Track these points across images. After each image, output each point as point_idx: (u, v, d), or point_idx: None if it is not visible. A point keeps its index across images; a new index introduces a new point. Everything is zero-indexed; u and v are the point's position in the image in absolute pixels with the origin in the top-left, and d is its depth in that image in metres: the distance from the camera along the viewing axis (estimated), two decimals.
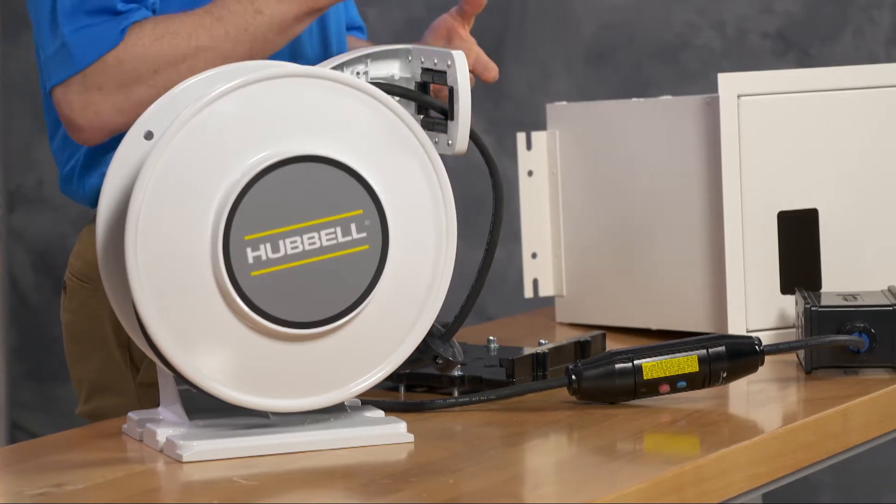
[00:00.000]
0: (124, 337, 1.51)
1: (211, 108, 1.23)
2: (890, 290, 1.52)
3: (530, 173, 1.72)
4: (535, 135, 1.72)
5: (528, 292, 1.72)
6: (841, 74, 1.59)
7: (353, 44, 1.71)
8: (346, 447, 1.26)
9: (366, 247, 1.25)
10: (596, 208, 1.69)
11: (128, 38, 1.42)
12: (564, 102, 1.73)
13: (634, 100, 1.68)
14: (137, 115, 1.28)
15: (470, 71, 1.49)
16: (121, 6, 1.43)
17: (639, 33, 2.85)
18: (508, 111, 2.86)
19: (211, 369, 1.23)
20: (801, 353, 1.48)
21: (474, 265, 1.35)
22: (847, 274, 1.58)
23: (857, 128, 1.59)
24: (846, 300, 1.48)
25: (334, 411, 1.29)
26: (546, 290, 1.73)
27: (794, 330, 1.55)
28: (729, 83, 1.56)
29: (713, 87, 1.57)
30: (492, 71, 1.53)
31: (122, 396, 1.54)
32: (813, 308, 1.46)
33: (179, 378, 1.26)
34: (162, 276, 1.22)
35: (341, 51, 1.64)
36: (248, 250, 1.23)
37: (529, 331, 1.69)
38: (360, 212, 1.25)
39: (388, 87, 1.32)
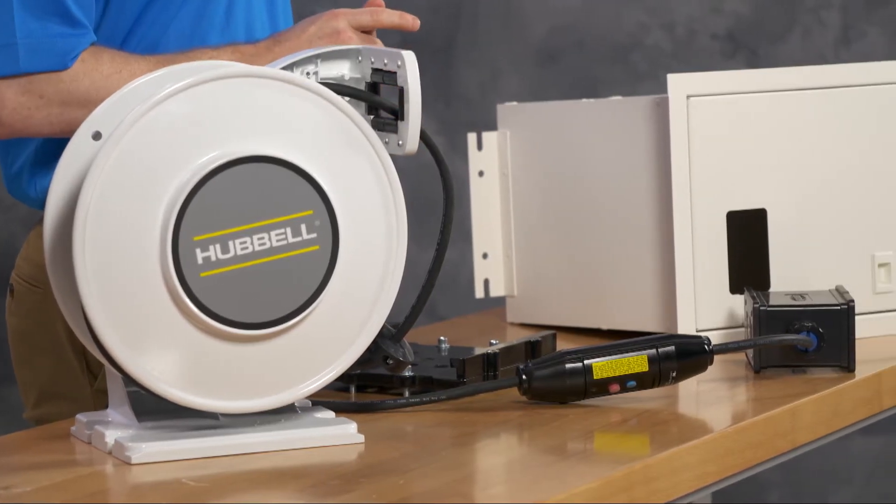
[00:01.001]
0: (80, 343, 1.50)
1: (160, 108, 1.22)
2: (837, 289, 1.53)
3: (481, 174, 1.72)
4: (486, 135, 1.72)
5: (479, 292, 1.72)
6: (789, 75, 1.60)
7: None
8: (297, 448, 1.26)
9: (316, 247, 1.25)
10: (546, 208, 1.69)
11: (87, 60, 1.43)
12: (515, 103, 1.73)
13: (584, 100, 1.68)
14: (63, 132, 1.29)
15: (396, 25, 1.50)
16: (77, 14, 1.44)
17: (589, 34, 2.86)
18: (460, 112, 2.86)
19: (160, 371, 1.23)
20: (750, 352, 1.49)
21: (426, 266, 1.35)
22: (795, 273, 1.58)
23: (806, 128, 1.60)
24: (794, 300, 1.49)
25: (284, 412, 1.29)
26: (497, 291, 1.73)
27: (743, 329, 1.56)
28: (678, 84, 1.57)
29: (663, 88, 1.57)
30: (408, 18, 1.53)
31: (77, 403, 1.53)
32: (761, 308, 1.47)
33: (128, 380, 1.25)
34: (110, 278, 1.21)
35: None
36: (198, 251, 1.22)
37: (480, 331, 1.69)
38: (311, 212, 1.24)
39: (338, 88, 1.32)
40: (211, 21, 1.55)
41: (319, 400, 1.34)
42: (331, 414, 1.30)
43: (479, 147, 1.72)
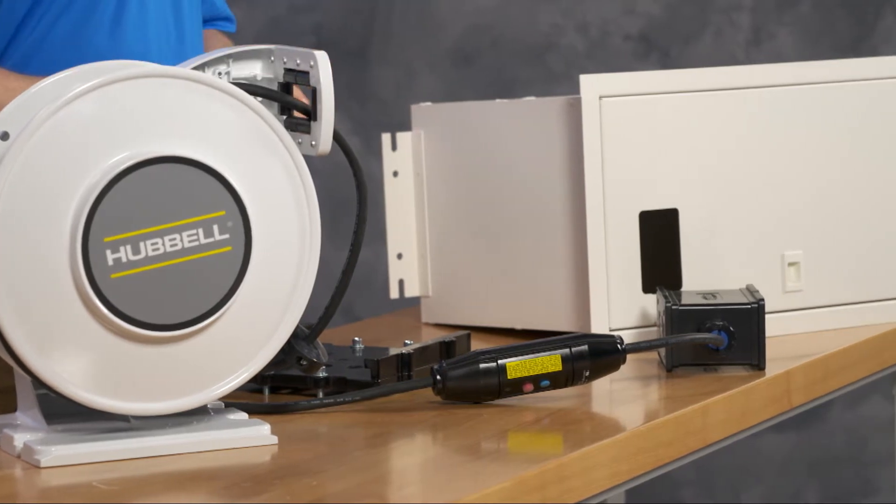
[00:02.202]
0: None
1: (69, 108, 1.21)
2: (748, 288, 1.55)
3: (395, 174, 1.72)
4: (400, 135, 1.72)
5: (394, 293, 1.72)
6: (701, 76, 1.61)
7: (215, 38, 1.70)
8: (209, 450, 1.25)
9: (228, 248, 1.24)
10: (461, 209, 1.69)
11: None
12: (429, 103, 1.73)
13: (498, 101, 1.69)
14: None
15: None
16: None
17: (504, 35, 2.87)
18: (375, 112, 2.86)
19: (70, 373, 1.22)
20: (662, 351, 1.50)
21: (341, 266, 1.35)
22: (707, 273, 1.60)
23: (717, 128, 1.61)
24: (706, 299, 1.50)
25: (197, 414, 1.28)
26: (412, 291, 1.73)
27: (655, 328, 1.57)
28: (590, 84, 1.57)
29: (577, 89, 1.58)
30: None
31: None
32: (673, 307, 1.48)
33: (37, 382, 1.24)
34: (19, 279, 1.20)
35: (194, 33, 1.63)
36: (108, 252, 1.21)
37: (395, 331, 1.69)
38: (223, 213, 1.24)
39: (251, 88, 1.32)
40: (99, 23, 1.54)
41: (232, 401, 1.33)
42: (244, 415, 1.30)
43: (394, 147, 1.72)
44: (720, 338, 1.47)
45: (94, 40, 1.53)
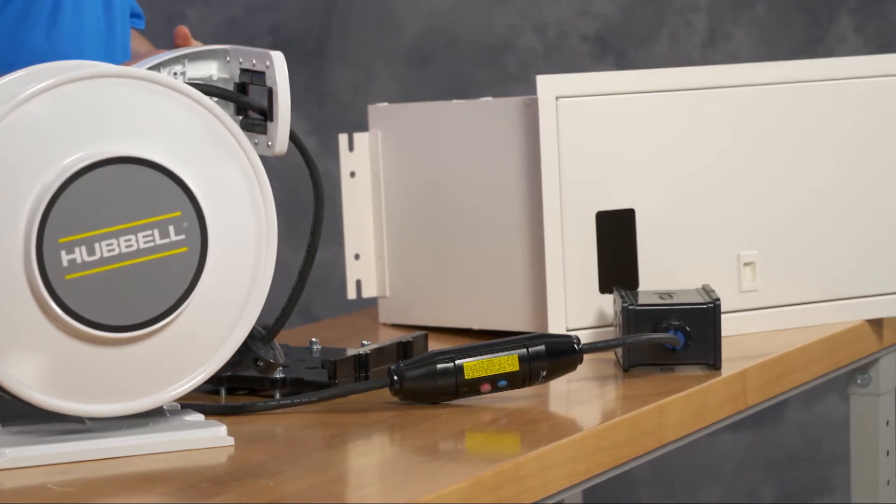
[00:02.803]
0: None
1: (23, 109, 1.21)
2: (704, 288, 1.56)
3: (353, 174, 1.72)
4: (357, 136, 1.72)
5: (351, 293, 1.72)
6: (657, 77, 1.61)
7: (132, 36, 1.70)
8: (165, 451, 1.25)
9: (184, 249, 1.24)
10: (418, 209, 1.69)
11: None
12: (386, 104, 1.73)
13: (455, 101, 1.69)
14: None
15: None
16: None
17: (461, 35, 2.87)
18: (332, 112, 2.86)
19: (24, 374, 1.21)
20: (619, 351, 1.50)
21: (299, 266, 1.34)
22: (663, 273, 1.60)
23: (673, 129, 1.62)
24: (662, 298, 1.50)
25: (153, 415, 1.27)
26: (369, 291, 1.73)
27: (612, 328, 1.58)
28: (547, 85, 1.58)
29: (534, 89, 1.58)
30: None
31: None
32: (630, 307, 1.48)
33: None
34: None
35: (124, 32, 1.62)
36: (63, 253, 1.21)
37: (352, 332, 1.69)
38: (179, 213, 1.23)
39: (206, 88, 1.31)
40: (35, 21, 1.53)
41: (189, 403, 1.33)
42: (200, 417, 1.29)
43: (351, 148, 1.72)
44: (676, 338, 1.47)
45: (31, 39, 1.52)
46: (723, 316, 1.51)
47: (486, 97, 1.74)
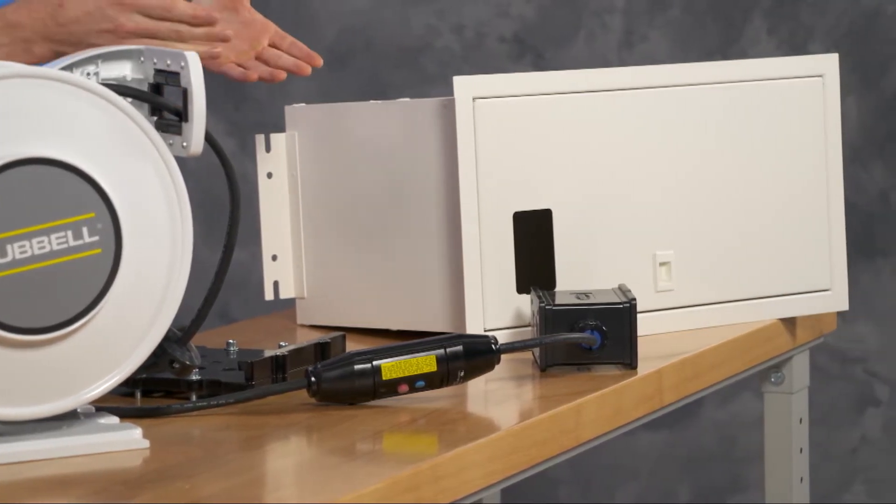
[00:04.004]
0: None
1: None
2: (620, 288, 1.57)
3: (270, 175, 1.71)
4: (274, 137, 1.72)
5: (269, 294, 1.72)
6: (574, 78, 1.62)
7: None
8: (79, 455, 1.24)
9: (98, 250, 1.23)
10: (336, 210, 1.69)
11: None
12: (303, 104, 1.73)
13: (372, 102, 1.69)
14: None
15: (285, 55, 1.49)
16: None
17: (379, 36, 2.87)
18: (250, 113, 2.85)
19: None
20: (537, 351, 1.51)
21: (215, 267, 1.33)
22: (580, 273, 1.61)
23: (589, 130, 1.63)
24: (579, 298, 1.51)
25: (67, 418, 1.26)
26: (287, 292, 1.72)
27: (530, 328, 1.58)
28: (464, 86, 1.58)
29: (452, 90, 1.58)
30: (316, 59, 1.53)
31: None
32: (547, 307, 1.49)
33: None
34: None
35: None
36: None
37: (270, 333, 1.69)
38: (92, 215, 1.22)
39: (120, 89, 1.30)
40: None
41: (103, 405, 1.32)
42: (115, 419, 1.28)
43: (268, 149, 1.71)
44: (593, 337, 1.48)
45: None
46: (639, 315, 1.52)
47: (403, 98, 1.74)
